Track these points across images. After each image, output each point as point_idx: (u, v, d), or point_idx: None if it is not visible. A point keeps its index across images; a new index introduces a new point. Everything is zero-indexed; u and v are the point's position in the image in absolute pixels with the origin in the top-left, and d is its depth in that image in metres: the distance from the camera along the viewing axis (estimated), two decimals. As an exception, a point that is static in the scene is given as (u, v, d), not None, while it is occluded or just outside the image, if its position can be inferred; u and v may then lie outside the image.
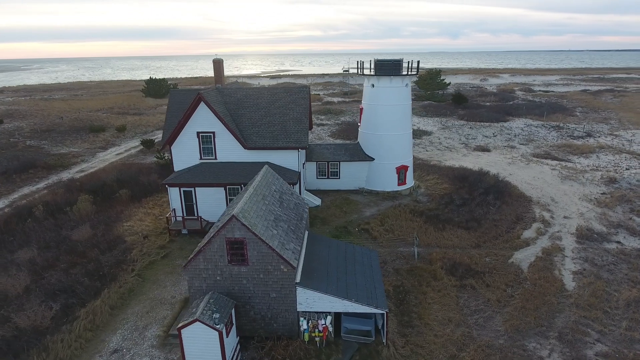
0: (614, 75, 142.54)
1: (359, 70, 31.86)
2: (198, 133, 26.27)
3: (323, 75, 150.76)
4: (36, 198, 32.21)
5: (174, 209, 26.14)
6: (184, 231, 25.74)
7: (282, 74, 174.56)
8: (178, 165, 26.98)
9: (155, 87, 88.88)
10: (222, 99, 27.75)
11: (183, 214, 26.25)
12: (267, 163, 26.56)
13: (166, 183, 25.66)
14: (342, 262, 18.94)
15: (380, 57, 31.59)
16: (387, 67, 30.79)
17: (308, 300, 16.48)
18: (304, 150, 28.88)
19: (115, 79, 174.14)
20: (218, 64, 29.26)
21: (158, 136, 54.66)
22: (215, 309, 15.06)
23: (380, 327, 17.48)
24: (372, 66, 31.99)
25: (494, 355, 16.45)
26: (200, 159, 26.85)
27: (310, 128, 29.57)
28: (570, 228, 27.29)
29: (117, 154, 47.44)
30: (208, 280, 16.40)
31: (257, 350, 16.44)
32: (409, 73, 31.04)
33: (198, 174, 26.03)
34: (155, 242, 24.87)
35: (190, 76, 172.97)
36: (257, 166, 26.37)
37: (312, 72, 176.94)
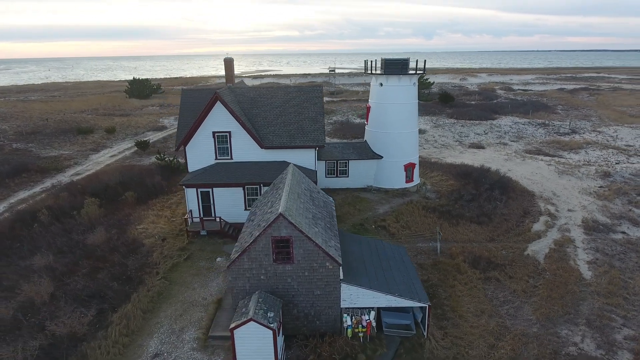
0: (586, 75, 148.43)
1: (369, 69, 32.20)
2: (214, 133, 25.96)
3: (306, 75, 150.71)
4: (37, 202, 31.04)
5: (191, 210, 25.75)
6: (203, 232, 25.40)
7: (263, 74, 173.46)
8: (193, 166, 26.58)
9: (139, 88, 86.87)
10: (236, 99, 27.52)
11: (200, 215, 25.89)
12: (284, 162, 26.54)
13: (183, 184, 25.25)
14: (375, 258, 19.17)
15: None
16: (396, 66, 31.24)
17: (352, 296, 16.64)
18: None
19: (91, 79, 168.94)
20: (229, 62, 28.98)
21: (150, 137, 53.57)
22: (266, 308, 15.02)
23: (419, 320, 17.80)
24: (380, 65, 32.44)
25: (531, 343, 17.05)
26: (216, 159, 26.53)
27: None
28: (576, 220, 28.42)
29: (111, 156, 46.21)
30: (252, 280, 16.31)
31: (301, 349, 16.45)
32: (417, 72, 31.59)
33: (215, 175, 25.73)
34: (174, 244, 24.46)
35: (169, 77, 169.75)
36: (273, 166, 26.40)
37: (293, 72, 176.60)
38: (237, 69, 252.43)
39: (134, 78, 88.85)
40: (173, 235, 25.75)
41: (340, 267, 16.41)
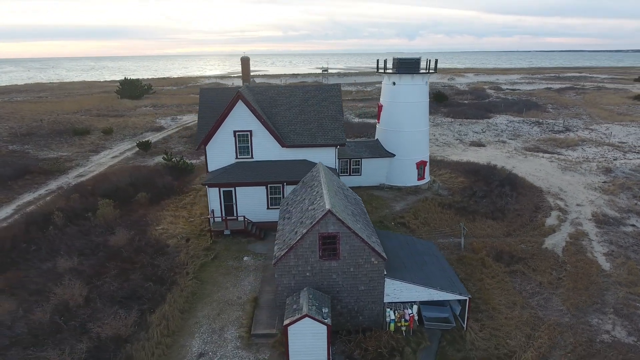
0: (569, 75, 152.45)
1: (382, 69, 32.55)
2: (235, 132, 25.89)
3: (296, 75, 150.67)
4: (47, 204, 30.36)
5: (213, 210, 25.63)
6: (227, 232, 25.31)
7: (252, 74, 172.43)
8: (213, 166, 26.44)
9: (131, 88, 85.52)
10: (255, 98, 27.49)
11: (222, 215, 25.80)
12: (305, 161, 26.67)
13: (206, 183, 25.11)
14: (409, 253, 19.46)
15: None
16: (409, 65, 31.69)
17: (395, 291, 16.89)
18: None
19: (74, 80, 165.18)
20: (246, 61, 28.93)
21: (149, 138, 52.81)
22: (317, 304, 15.15)
23: (457, 313, 18.17)
24: (392, 65, 32.85)
25: (566, 332, 17.60)
26: (236, 158, 26.46)
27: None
28: (585, 214, 29.33)
29: (112, 157, 45.47)
30: (297, 277, 16.40)
31: (345, 344, 16.61)
32: (429, 71, 32.10)
33: (236, 174, 25.67)
34: (199, 244, 24.30)
35: (155, 77, 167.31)
36: (294, 164, 26.49)
37: (282, 72, 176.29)
38: (222, 69, 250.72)
39: (125, 78, 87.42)
40: (195, 236, 25.58)
41: (385, 263, 16.63)
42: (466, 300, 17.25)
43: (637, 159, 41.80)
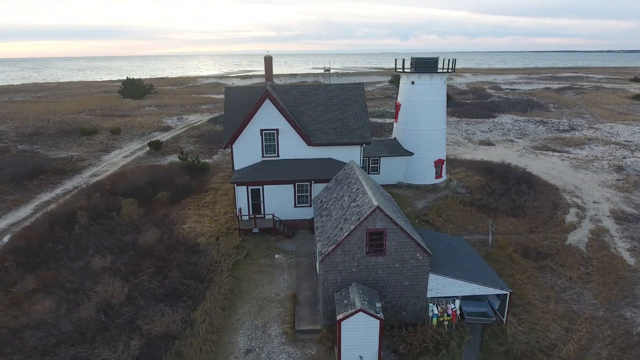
0: (565, 75, 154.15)
1: (402, 68, 32.84)
2: (261, 130, 26.00)
3: (294, 75, 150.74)
4: (67, 203, 30.23)
5: (240, 208, 25.72)
6: (255, 230, 25.40)
7: (250, 74, 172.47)
8: (239, 164, 26.53)
9: (133, 88, 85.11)
10: (279, 96, 27.60)
11: (249, 213, 25.90)
12: (330, 159, 26.85)
13: (234, 182, 25.19)
14: (445, 249, 19.70)
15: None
16: (428, 65, 32.00)
17: (438, 286, 17.14)
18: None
19: (72, 80, 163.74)
20: (269, 61, 29.05)
21: (158, 137, 52.62)
22: (367, 299, 15.34)
23: (496, 308, 18.47)
24: (410, 64, 33.13)
25: (602, 325, 17.97)
26: (262, 156, 26.56)
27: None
28: (603, 211, 29.84)
29: (124, 157, 45.30)
30: (343, 273, 16.59)
31: (389, 339, 16.81)
32: (448, 70, 32.44)
33: (264, 172, 25.78)
34: (229, 243, 24.38)
35: (152, 77, 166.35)
36: (320, 163, 26.67)
37: (281, 73, 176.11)
38: (219, 69, 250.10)
39: (127, 78, 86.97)
40: (223, 234, 25.64)
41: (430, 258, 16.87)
42: (506, 294, 17.54)
43: (646, 157, 42.56)
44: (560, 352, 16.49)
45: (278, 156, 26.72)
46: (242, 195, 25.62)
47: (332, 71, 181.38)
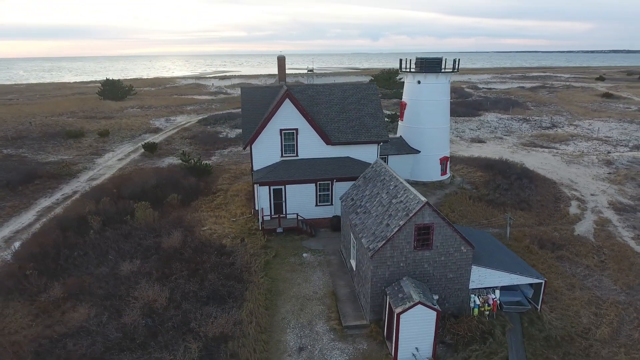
0: (534, 74, 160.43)
1: (408, 68, 33.54)
2: (281, 130, 26.02)
3: (273, 75, 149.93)
4: (75, 208, 29.21)
5: (262, 208, 25.64)
6: (279, 229, 25.38)
7: (228, 74, 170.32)
8: (258, 165, 26.43)
9: (113, 89, 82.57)
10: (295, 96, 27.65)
11: (271, 213, 25.86)
12: (348, 158, 27.17)
13: (257, 182, 25.09)
14: (476, 242, 20.28)
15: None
16: (434, 65, 32.84)
17: (480, 277, 17.77)
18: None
19: (42, 81, 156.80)
20: (282, 61, 29.06)
21: (150, 139, 51.39)
22: (420, 291, 15.75)
23: (529, 297, 19.28)
24: (415, 64, 33.89)
25: (627, 309, 19.12)
26: (282, 156, 26.57)
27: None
28: (602, 203, 31.52)
29: (119, 160, 44.06)
30: (392, 268, 16.94)
31: (434, 330, 17.30)
32: (453, 70, 33.39)
33: (285, 172, 25.80)
34: (255, 243, 24.27)
35: (124, 78, 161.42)
36: (339, 161, 26.96)
37: (258, 73, 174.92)
38: (191, 70, 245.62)
39: (107, 79, 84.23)
40: (245, 235, 25.49)
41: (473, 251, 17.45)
42: (541, 283, 18.39)
43: (629, 152, 45.10)
44: (595, 335, 17.45)
45: (297, 156, 26.80)
46: (264, 195, 25.55)
47: (304, 72, 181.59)
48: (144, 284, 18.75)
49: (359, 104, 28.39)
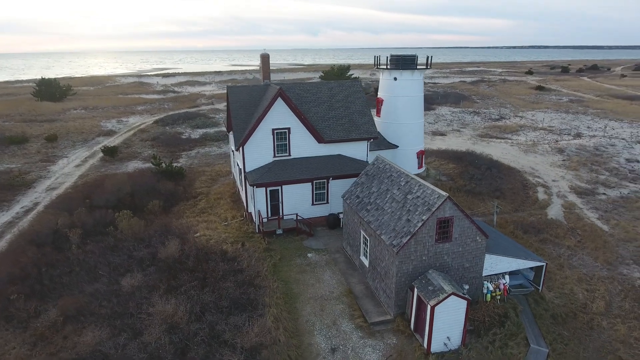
0: (470, 69, 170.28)
1: (382, 65, 34.22)
2: (273, 130, 25.54)
3: (220, 72, 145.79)
4: (43, 222, 26.61)
5: (259, 210, 25.07)
6: (279, 231, 24.95)
7: (170, 72, 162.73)
8: (250, 166, 25.75)
9: (49, 90, 75.82)
10: (284, 95, 27.24)
11: (267, 215, 25.36)
12: (340, 155, 27.32)
13: (254, 184, 24.43)
14: (477, 232, 21.51)
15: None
16: (409, 62, 33.84)
17: (492, 264, 18.79)
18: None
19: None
20: (266, 58, 28.44)
21: (105, 143, 48.01)
22: (448, 283, 16.34)
23: (530, 279, 20.70)
24: (390, 61, 34.71)
25: (612, 283, 21.19)
26: (274, 156, 26.11)
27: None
28: (564, 188, 34.46)
29: (76, 166, 40.74)
30: (415, 262, 17.39)
31: (453, 318, 18.06)
32: (427, 67, 34.62)
33: (280, 172, 25.39)
34: (255, 246, 23.67)
35: (46, 77, 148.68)
36: (331, 159, 27.04)
37: (201, 70, 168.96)
38: (129, 68, 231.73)
39: (42, 78, 77.05)
40: (244, 239, 24.76)
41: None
42: (542, 265, 19.83)
43: (574, 140, 49.57)
44: (593, 309, 19.18)
45: (290, 155, 26.48)
46: (260, 197, 24.99)
47: (250, 68, 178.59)
48: (156, 299, 17.63)
49: (346, 101, 28.59)
